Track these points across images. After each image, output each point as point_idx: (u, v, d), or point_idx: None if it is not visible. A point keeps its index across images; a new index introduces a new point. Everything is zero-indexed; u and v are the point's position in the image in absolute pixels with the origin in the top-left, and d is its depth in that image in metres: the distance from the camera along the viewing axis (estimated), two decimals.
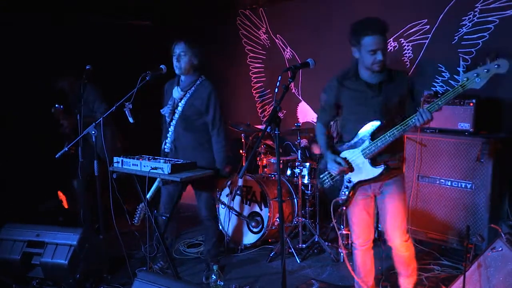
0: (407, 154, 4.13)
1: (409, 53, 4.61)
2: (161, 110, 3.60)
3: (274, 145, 4.75)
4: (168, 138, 3.57)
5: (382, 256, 3.28)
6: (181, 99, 3.51)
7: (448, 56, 4.32)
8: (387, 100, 2.70)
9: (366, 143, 2.71)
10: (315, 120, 5.47)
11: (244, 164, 4.61)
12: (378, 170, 2.71)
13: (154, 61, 3.55)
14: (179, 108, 3.50)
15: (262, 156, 4.81)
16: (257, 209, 4.35)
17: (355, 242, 2.99)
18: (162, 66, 3.44)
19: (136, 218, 3.54)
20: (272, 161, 4.69)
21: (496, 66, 2.38)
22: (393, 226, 2.83)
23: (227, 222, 4.40)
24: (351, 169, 2.78)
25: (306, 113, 5.57)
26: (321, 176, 2.97)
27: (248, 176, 4.40)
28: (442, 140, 3.96)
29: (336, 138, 3.09)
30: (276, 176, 4.46)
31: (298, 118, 5.62)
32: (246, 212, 4.41)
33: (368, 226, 2.94)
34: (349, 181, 2.81)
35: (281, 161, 4.65)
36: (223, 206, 4.41)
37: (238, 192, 4.43)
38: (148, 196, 3.41)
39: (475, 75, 2.41)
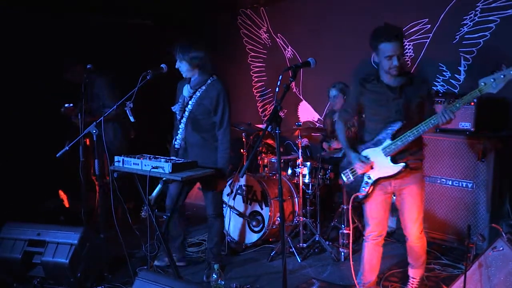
0: None
1: (410, 52, 4.61)
2: (172, 108, 3.63)
3: (275, 144, 4.75)
4: (179, 135, 3.60)
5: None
6: (191, 97, 3.52)
7: (449, 56, 4.32)
8: (408, 102, 2.85)
9: (387, 142, 2.86)
10: (316, 119, 5.51)
11: (245, 163, 4.61)
12: (397, 168, 2.86)
13: (155, 60, 3.55)
14: (189, 107, 3.52)
15: (263, 155, 4.81)
16: (258, 208, 4.35)
17: (368, 235, 3.11)
18: (162, 65, 3.44)
19: (144, 212, 3.52)
20: (272, 160, 4.69)
21: None
22: (411, 219, 3.01)
23: (228, 221, 4.40)
24: (371, 166, 2.95)
25: (307, 112, 5.57)
26: (343, 173, 3.14)
27: (249, 175, 4.40)
28: (443, 139, 3.96)
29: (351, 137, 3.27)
30: (277, 175, 4.46)
31: (299, 117, 5.62)
32: (247, 211, 4.41)
33: (382, 222, 3.09)
34: (369, 178, 2.98)
35: (282, 160, 4.64)
36: (224, 205, 4.40)
37: (239, 191, 4.44)
38: (153, 195, 3.40)
39: (492, 80, 2.53)
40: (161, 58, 3.51)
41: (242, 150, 4.83)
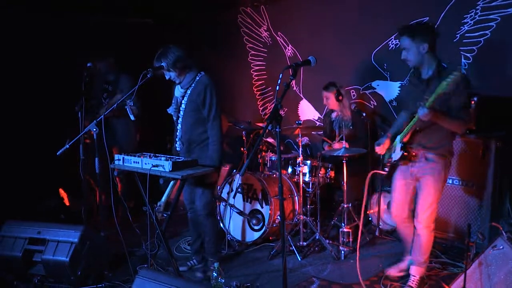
0: None
1: None
2: (168, 110, 3.63)
3: (275, 143, 4.75)
4: (177, 136, 3.60)
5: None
6: (183, 97, 3.53)
7: (450, 54, 4.30)
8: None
9: (404, 130, 3.13)
10: (316, 118, 5.51)
11: (245, 162, 4.61)
12: (398, 154, 3.16)
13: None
14: (183, 106, 3.53)
15: (263, 153, 4.81)
16: (258, 206, 4.35)
17: (393, 218, 3.43)
18: (163, 64, 3.44)
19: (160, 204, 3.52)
20: (273, 158, 4.69)
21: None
22: (422, 207, 3.16)
23: (228, 219, 4.41)
24: (394, 150, 3.24)
25: (307, 111, 5.57)
26: (383, 153, 3.45)
27: (249, 173, 4.40)
28: None
29: None
30: (277, 173, 4.46)
31: (299, 116, 5.61)
32: (247, 209, 4.41)
33: (401, 205, 3.31)
34: (390, 158, 3.31)
35: (282, 159, 4.64)
36: (224, 203, 4.41)
37: (239, 189, 4.44)
38: (162, 200, 3.41)
39: (448, 80, 2.70)
40: None
41: (242, 149, 4.83)
